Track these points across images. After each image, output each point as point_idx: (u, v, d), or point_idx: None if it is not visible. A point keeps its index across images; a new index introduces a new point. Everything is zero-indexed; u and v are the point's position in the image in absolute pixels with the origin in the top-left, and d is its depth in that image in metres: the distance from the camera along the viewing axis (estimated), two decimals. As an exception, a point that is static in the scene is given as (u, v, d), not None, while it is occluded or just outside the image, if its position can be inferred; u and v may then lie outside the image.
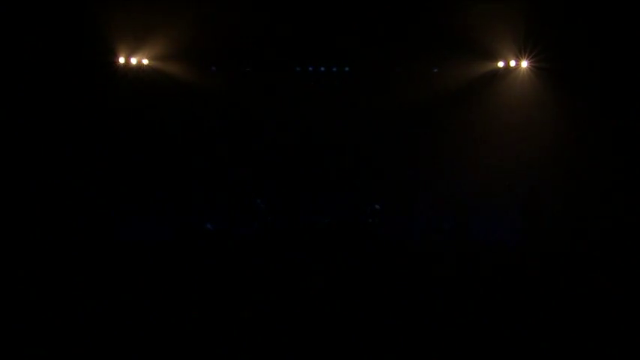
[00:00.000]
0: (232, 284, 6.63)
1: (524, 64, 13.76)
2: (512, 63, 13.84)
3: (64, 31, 11.78)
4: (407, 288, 5.28)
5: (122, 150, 14.12)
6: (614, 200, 12.47)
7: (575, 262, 11.10)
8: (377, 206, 14.30)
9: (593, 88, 12.68)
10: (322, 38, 13.38)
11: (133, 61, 13.60)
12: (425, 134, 14.95)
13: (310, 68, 15.22)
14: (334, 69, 15.27)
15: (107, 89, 13.36)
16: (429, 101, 14.38)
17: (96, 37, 12.33)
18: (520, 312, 4.17)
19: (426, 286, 4.97)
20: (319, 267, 11.45)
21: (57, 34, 11.80)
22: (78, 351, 3.69)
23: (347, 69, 15.18)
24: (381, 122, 15.40)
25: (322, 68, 15.28)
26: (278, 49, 13.89)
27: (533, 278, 7.47)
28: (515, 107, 13.62)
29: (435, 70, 14.53)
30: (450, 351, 3.97)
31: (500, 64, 13.98)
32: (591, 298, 4.18)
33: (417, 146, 15.10)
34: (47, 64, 12.38)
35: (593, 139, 12.91)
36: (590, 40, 12.00)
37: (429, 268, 11.14)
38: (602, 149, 12.72)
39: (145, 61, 13.76)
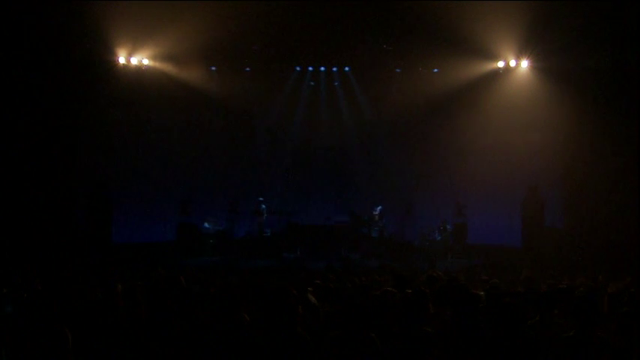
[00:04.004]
0: (232, 285, 6.61)
1: (524, 64, 13.76)
2: (512, 63, 13.84)
3: (64, 31, 11.76)
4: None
5: (121, 150, 14.12)
6: (614, 199, 12.46)
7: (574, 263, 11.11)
8: (378, 207, 14.31)
9: (593, 87, 12.66)
10: (322, 38, 13.36)
11: (133, 61, 13.61)
12: (425, 134, 14.95)
13: (310, 68, 15.24)
14: (334, 69, 15.29)
15: (107, 89, 13.35)
16: (429, 101, 14.37)
17: (96, 37, 12.32)
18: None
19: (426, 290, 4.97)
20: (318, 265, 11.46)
21: (57, 34, 11.78)
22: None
23: (347, 69, 15.19)
24: (381, 122, 15.42)
25: (322, 68, 15.29)
26: (278, 49, 13.88)
27: (531, 279, 7.46)
28: (516, 107, 13.60)
29: (435, 70, 14.52)
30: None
31: (501, 64, 13.97)
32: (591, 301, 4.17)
33: (416, 146, 15.11)
34: (47, 64, 12.37)
35: (593, 139, 12.89)
36: (591, 40, 11.98)
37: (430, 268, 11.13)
38: (603, 149, 12.71)
39: (145, 61, 13.77)
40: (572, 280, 7.93)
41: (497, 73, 14.08)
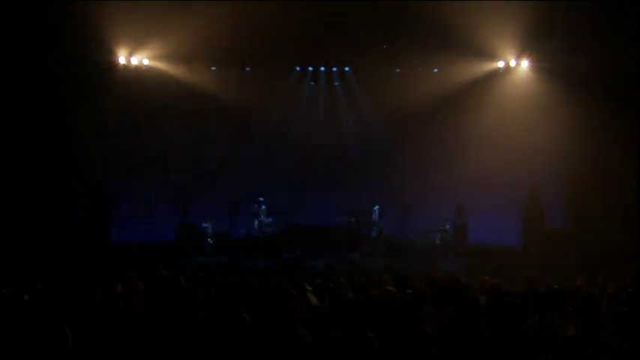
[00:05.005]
0: (232, 285, 6.62)
1: (524, 64, 13.75)
2: (512, 63, 13.83)
3: (65, 31, 11.77)
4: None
5: (122, 150, 14.12)
6: (614, 199, 12.47)
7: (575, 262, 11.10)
8: (376, 207, 14.32)
9: (595, 87, 12.65)
10: (322, 38, 13.37)
11: (133, 61, 13.61)
12: (425, 134, 14.94)
13: (310, 68, 15.24)
14: (334, 69, 15.28)
15: (107, 89, 13.36)
16: (429, 101, 14.36)
17: (96, 37, 12.33)
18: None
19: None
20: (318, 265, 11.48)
21: (57, 34, 11.79)
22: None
23: (347, 69, 15.19)
24: (380, 122, 15.40)
25: (322, 68, 15.29)
26: (278, 49, 13.87)
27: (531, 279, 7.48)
28: (516, 107, 13.59)
29: (435, 70, 14.52)
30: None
31: (501, 64, 13.97)
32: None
33: (417, 146, 15.09)
34: (47, 64, 12.38)
35: (594, 139, 12.88)
36: (591, 40, 11.98)
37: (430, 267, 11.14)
38: (604, 149, 12.71)
39: (145, 61, 13.77)
40: (572, 281, 7.94)
41: (497, 73, 14.07)
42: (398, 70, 14.69)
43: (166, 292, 5.79)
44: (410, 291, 5.18)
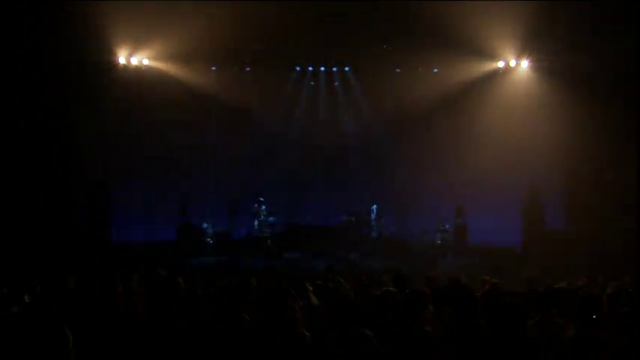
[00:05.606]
0: (232, 285, 6.61)
1: (524, 64, 13.74)
2: (512, 63, 13.82)
3: (65, 31, 11.77)
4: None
5: (122, 150, 14.11)
6: (614, 199, 12.46)
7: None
8: (373, 206, 14.32)
9: (595, 87, 12.65)
10: (322, 38, 13.36)
11: (133, 61, 13.61)
12: (425, 134, 14.93)
13: (310, 68, 15.24)
14: (334, 69, 15.28)
15: (106, 89, 13.35)
16: (429, 101, 14.36)
17: (96, 37, 12.33)
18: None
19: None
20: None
21: (57, 34, 11.80)
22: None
23: (347, 69, 15.19)
24: (381, 122, 15.40)
25: (322, 68, 15.29)
26: (278, 49, 13.87)
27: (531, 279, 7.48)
28: (517, 107, 13.59)
29: (435, 70, 14.52)
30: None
31: (501, 64, 13.96)
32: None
33: (417, 146, 15.09)
34: (47, 64, 12.38)
35: (595, 139, 12.87)
36: (592, 40, 11.98)
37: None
38: (604, 149, 12.70)
39: (145, 61, 13.77)
40: (572, 281, 7.93)
41: (497, 73, 14.06)
42: (398, 70, 14.69)
43: (166, 292, 5.78)
44: (409, 291, 5.17)
